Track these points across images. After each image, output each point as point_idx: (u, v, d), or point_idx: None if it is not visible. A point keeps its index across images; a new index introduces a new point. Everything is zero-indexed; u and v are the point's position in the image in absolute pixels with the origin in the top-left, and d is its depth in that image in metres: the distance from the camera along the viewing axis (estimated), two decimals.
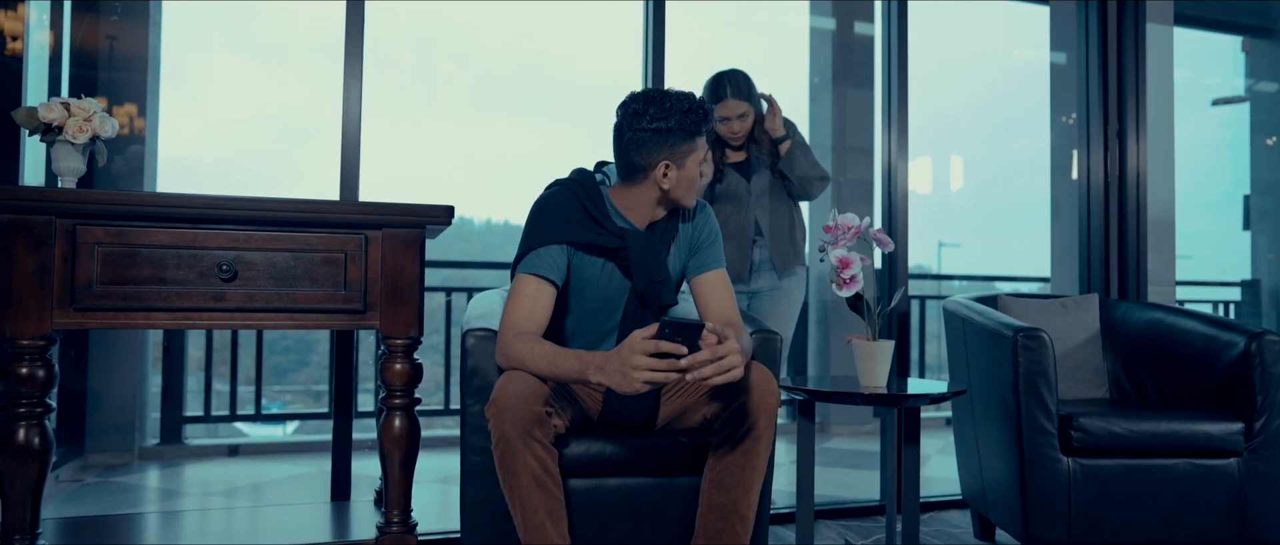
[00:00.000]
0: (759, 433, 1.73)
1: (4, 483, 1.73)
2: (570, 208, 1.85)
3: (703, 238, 1.95)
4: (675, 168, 1.82)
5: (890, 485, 2.45)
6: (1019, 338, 2.30)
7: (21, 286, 1.72)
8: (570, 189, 1.88)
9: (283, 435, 4.97)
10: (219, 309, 1.83)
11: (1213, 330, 2.47)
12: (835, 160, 5.17)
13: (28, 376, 1.72)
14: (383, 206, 1.91)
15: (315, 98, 6.85)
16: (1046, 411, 2.28)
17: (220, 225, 1.83)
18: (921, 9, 3.58)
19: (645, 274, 1.85)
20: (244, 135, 5.64)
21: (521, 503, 1.66)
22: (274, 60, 11.94)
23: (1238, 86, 6.14)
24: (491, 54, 10.76)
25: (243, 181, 7.35)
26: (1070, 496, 2.28)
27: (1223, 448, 2.31)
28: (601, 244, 1.83)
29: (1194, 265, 6.83)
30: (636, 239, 1.85)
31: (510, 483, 1.66)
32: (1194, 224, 6.52)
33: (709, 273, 1.94)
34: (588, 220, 1.84)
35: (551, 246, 1.81)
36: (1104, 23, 3.64)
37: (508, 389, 1.64)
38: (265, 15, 9.26)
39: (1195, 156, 6.38)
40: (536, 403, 1.64)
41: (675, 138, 1.79)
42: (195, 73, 5.40)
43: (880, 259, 3.25)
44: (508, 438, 1.63)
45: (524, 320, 1.76)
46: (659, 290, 1.86)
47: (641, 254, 1.84)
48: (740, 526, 1.75)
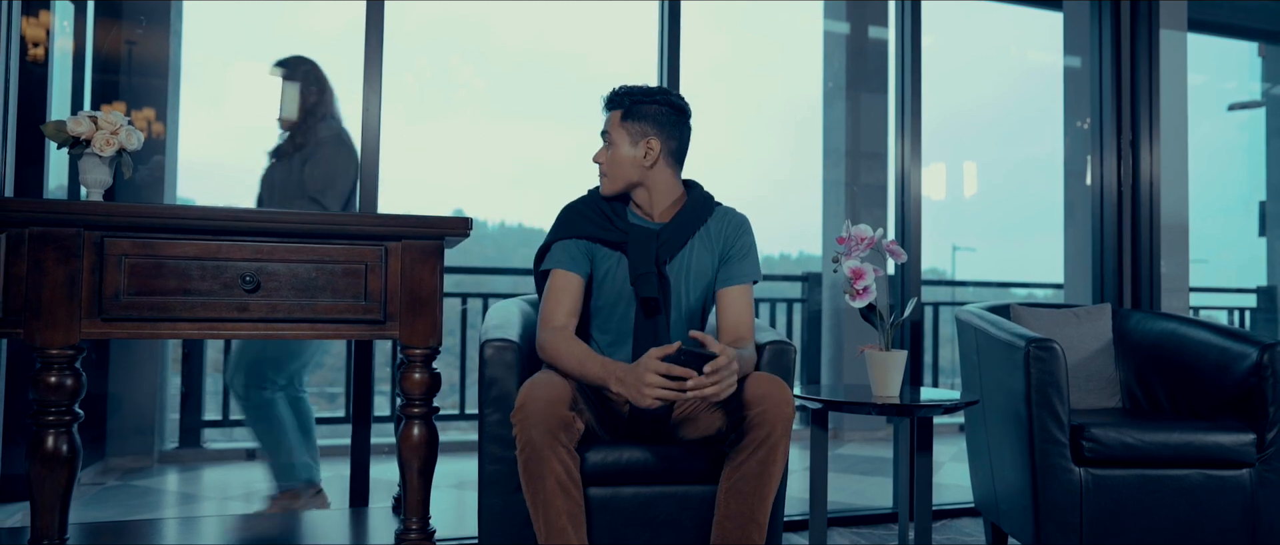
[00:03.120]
0: (774, 442, 1.77)
1: (33, 489, 1.76)
2: (586, 209, 2.05)
3: (734, 250, 2.06)
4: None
5: (903, 493, 2.47)
6: (1031, 348, 2.31)
7: (51, 297, 1.76)
8: (591, 192, 2.09)
9: None
10: (242, 319, 1.86)
11: (1225, 341, 2.48)
12: (849, 165, 5.18)
13: (56, 385, 1.76)
14: (402, 219, 1.94)
15: (336, 101, 6.89)
16: (1058, 422, 2.29)
17: (244, 237, 1.87)
18: (935, 13, 3.58)
19: (634, 267, 1.97)
20: (264, 140, 5.70)
21: (544, 507, 1.71)
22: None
23: (1254, 91, 6.12)
24: (505, 55, 10.78)
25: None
26: (1082, 506, 2.29)
27: (1235, 458, 2.32)
28: (609, 239, 2.01)
29: (1211, 270, 6.80)
30: (638, 234, 1.99)
31: (534, 487, 1.71)
32: (1211, 229, 6.49)
33: (732, 287, 2.04)
34: (600, 218, 2.02)
35: (568, 241, 2.01)
36: (1117, 28, 3.64)
37: (534, 394, 1.71)
38: (283, 19, 9.32)
39: (1212, 161, 6.35)
40: (562, 407, 1.71)
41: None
42: (214, 77, 5.46)
43: (893, 267, 3.27)
44: (534, 442, 1.68)
45: (555, 311, 1.98)
46: (640, 283, 1.96)
47: (637, 248, 1.97)
48: (757, 534, 1.79)
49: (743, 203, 2.57)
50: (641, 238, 1.99)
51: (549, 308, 1.99)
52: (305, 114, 2.86)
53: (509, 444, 1.89)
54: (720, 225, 2.07)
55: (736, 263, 2.04)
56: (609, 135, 2.04)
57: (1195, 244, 3.80)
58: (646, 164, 2.02)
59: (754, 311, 2.05)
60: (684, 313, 2.05)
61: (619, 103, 2.04)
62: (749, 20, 6.86)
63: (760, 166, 7.77)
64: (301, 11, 6.59)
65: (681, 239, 2.02)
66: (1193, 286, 6.82)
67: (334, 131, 2.83)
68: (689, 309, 2.06)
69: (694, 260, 2.04)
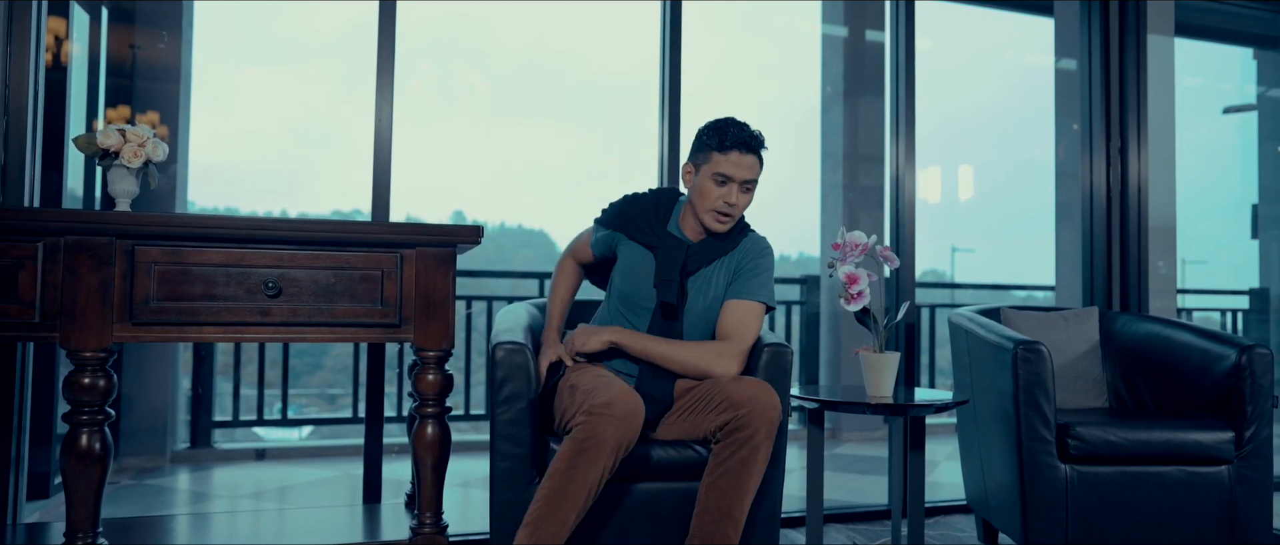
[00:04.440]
0: (758, 443, 1.88)
1: (68, 484, 1.86)
2: (639, 210, 2.23)
3: (746, 266, 2.16)
4: (694, 173, 2.14)
5: (897, 490, 2.56)
6: (1019, 351, 2.41)
7: (85, 302, 1.85)
8: (654, 193, 2.28)
9: (298, 439, 5.09)
10: (265, 323, 1.96)
11: (1206, 343, 2.57)
12: (847, 168, 5.27)
13: (90, 386, 1.85)
14: (416, 227, 2.04)
15: (339, 101, 6.96)
16: (1045, 421, 2.39)
17: (267, 245, 1.96)
18: (935, 17, 3.65)
19: (660, 272, 2.12)
20: (271, 142, 5.78)
21: (566, 497, 1.77)
22: (300, 66, 12.08)
23: (1250, 94, 6.19)
24: (505, 56, 10.85)
25: (269, 187, 7.50)
26: (1068, 502, 2.38)
27: (1214, 455, 2.41)
28: (643, 240, 2.19)
29: (1209, 271, 6.89)
30: (669, 243, 2.15)
31: (571, 474, 1.77)
32: (1208, 231, 6.57)
33: (734, 301, 2.14)
34: (644, 221, 2.21)
35: (605, 232, 2.27)
36: (1105, 33, 3.70)
37: (626, 401, 1.82)
38: (292, 22, 9.39)
39: (1208, 164, 6.44)
40: (639, 420, 1.83)
41: (698, 144, 2.14)
42: (223, 82, 5.54)
43: (888, 270, 3.35)
44: (603, 441, 1.78)
45: (575, 250, 2.39)
46: (662, 288, 2.12)
47: (665, 256, 2.14)
48: (732, 529, 1.89)
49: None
50: (673, 248, 2.14)
51: (575, 245, 2.39)
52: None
53: (520, 442, 1.99)
54: (743, 249, 2.19)
55: (746, 280, 2.15)
56: (754, 183, 2.13)
57: (1194, 246, 3.87)
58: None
59: (752, 327, 2.12)
60: (697, 321, 2.17)
61: (763, 151, 2.14)
62: (749, 21, 6.93)
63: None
64: (304, 17, 6.69)
65: (708, 257, 2.15)
66: (1191, 288, 6.89)
67: None
68: (703, 319, 2.17)
69: (715, 277, 2.17)
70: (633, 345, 2.08)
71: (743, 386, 1.93)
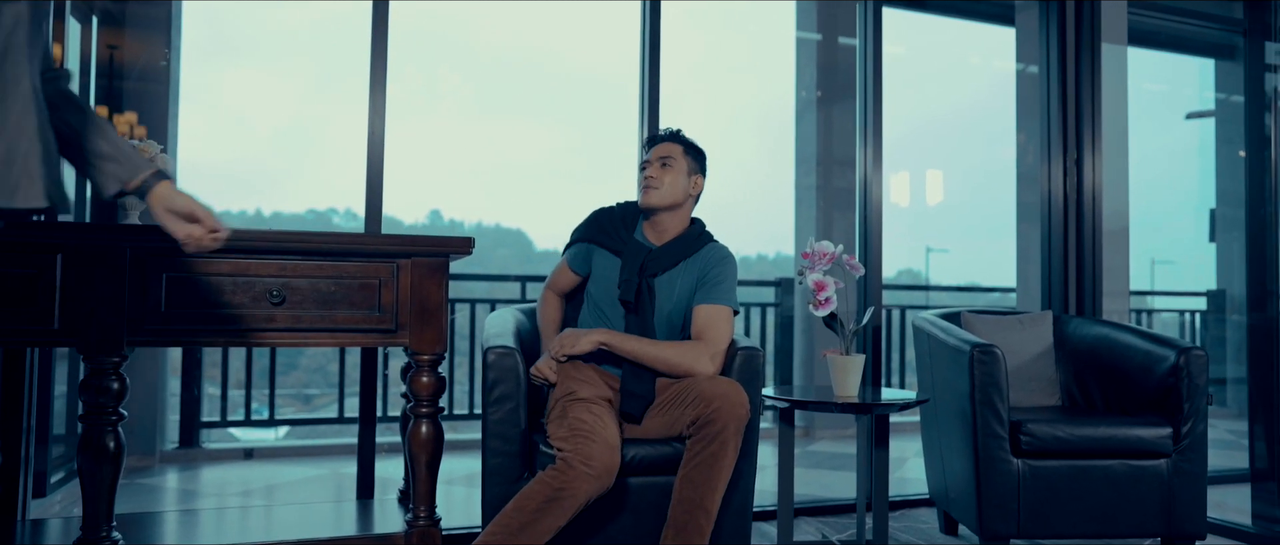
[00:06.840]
0: (727, 438, 2.04)
1: (84, 481, 1.98)
2: (608, 218, 2.42)
3: (711, 274, 2.32)
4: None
5: (864, 485, 2.72)
6: (975, 353, 2.58)
7: (102, 311, 1.97)
8: (621, 205, 2.46)
9: (274, 439, 5.15)
10: (270, 329, 2.09)
11: (1150, 345, 2.75)
12: (820, 172, 5.41)
13: (105, 389, 1.97)
14: (412, 239, 2.18)
15: (319, 101, 7.04)
16: (999, 418, 2.56)
17: (271, 256, 2.09)
18: (908, 25, 3.74)
19: (622, 273, 2.32)
20: (254, 141, 5.88)
21: (535, 529, 1.95)
22: (288, 71, 12.11)
23: (1210, 100, 6.40)
24: (484, 53, 10.96)
25: (254, 186, 7.57)
26: (1020, 494, 2.56)
27: (1154, 450, 2.59)
28: (610, 246, 2.37)
29: (1174, 271, 7.12)
30: (633, 247, 2.34)
31: (538, 511, 1.95)
32: (1170, 234, 6.79)
33: (702, 305, 2.29)
34: (613, 228, 2.39)
35: (580, 245, 2.44)
36: (1063, 40, 3.83)
37: (604, 458, 1.98)
38: (276, 22, 9.43)
39: (1170, 169, 6.66)
40: (615, 472, 2.00)
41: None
42: (211, 82, 5.61)
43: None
44: (577, 494, 1.95)
45: (553, 283, 2.53)
46: (623, 287, 2.30)
47: (628, 258, 2.32)
48: (704, 519, 2.05)
49: (719, 204, 2.81)
50: (635, 252, 2.33)
51: (551, 280, 2.54)
52: None
53: (510, 440, 2.13)
54: (706, 257, 2.35)
55: (712, 286, 2.30)
56: (672, 160, 2.36)
57: (1158, 248, 4.02)
58: (692, 194, 2.39)
59: (723, 329, 2.28)
60: (664, 320, 2.32)
61: (680, 139, 2.42)
62: (728, 20, 7.05)
63: (737, 169, 8.02)
64: (285, 16, 6.77)
65: (670, 261, 2.33)
66: (1159, 290, 7.09)
67: None
68: (670, 319, 2.32)
69: (679, 281, 2.33)
70: (619, 346, 2.22)
71: (715, 385, 2.09)
